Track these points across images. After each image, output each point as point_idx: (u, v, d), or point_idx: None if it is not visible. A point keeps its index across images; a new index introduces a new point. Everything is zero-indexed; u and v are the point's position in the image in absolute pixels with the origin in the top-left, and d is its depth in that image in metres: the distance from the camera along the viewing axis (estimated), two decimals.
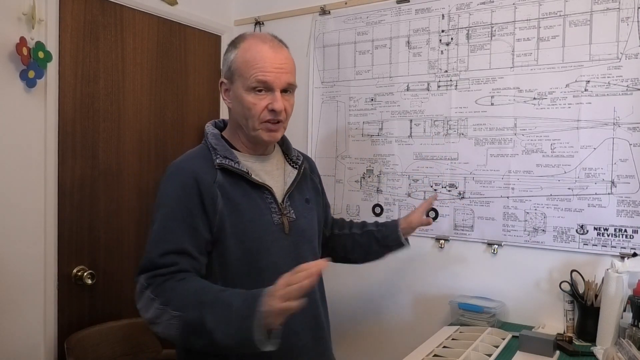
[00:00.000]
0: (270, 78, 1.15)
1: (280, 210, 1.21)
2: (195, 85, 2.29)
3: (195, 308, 1.00)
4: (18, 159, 1.64)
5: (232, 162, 1.17)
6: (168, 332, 1.03)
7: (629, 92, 1.59)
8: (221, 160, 1.16)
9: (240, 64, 1.17)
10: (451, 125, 1.90)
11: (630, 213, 1.60)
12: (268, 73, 1.14)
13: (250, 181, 1.18)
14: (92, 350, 1.73)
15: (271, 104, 1.15)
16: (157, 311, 1.04)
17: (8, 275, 1.62)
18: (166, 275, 1.06)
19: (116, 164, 1.96)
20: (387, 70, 2.04)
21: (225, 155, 1.17)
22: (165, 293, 1.04)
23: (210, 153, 1.19)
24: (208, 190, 1.12)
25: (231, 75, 1.19)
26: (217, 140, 1.21)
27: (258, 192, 1.19)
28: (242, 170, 1.17)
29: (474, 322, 1.71)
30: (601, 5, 1.63)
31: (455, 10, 1.89)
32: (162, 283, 1.06)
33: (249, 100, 1.15)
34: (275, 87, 1.16)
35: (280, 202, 1.22)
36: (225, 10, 2.43)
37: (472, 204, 1.86)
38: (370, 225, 1.55)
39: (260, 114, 1.16)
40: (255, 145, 1.24)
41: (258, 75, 1.14)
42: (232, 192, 1.15)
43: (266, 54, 1.16)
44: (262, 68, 1.14)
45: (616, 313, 1.45)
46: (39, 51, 1.61)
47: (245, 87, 1.16)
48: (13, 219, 1.63)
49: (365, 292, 2.07)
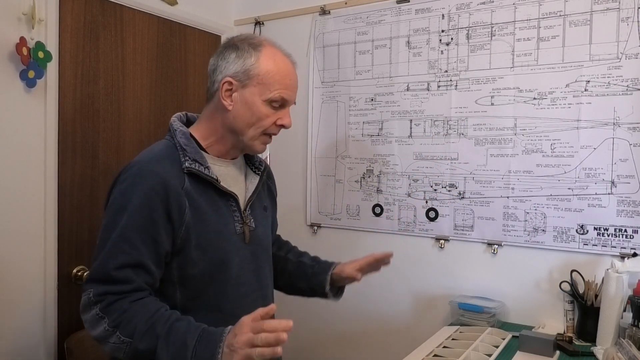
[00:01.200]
0: (290, 97, 1.14)
1: (243, 219, 1.17)
2: (195, 85, 2.29)
3: (148, 338, 0.96)
4: (18, 159, 1.64)
5: (202, 167, 1.10)
6: (116, 354, 0.99)
7: (629, 92, 1.59)
8: (190, 164, 1.09)
9: (264, 72, 1.11)
10: (451, 125, 1.90)
11: (630, 213, 1.60)
12: (291, 93, 1.14)
13: (217, 188, 1.13)
14: (92, 350, 1.73)
15: (281, 120, 1.14)
16: (105, 332, 0.98)
17: (8, 275, 1.62)
18: (119, 294, 1.00)
19: (116, 164, 1.95)
20: (387, 70, 2.04)
21: (195, 159, 1.10)
22: (114, 314, 0.98)
23: (178, 153, 1.11)
24: (176, 199, 1.05)
25: (246, 79, 1.11)
26: (187, 140, 1.13)
27: (224, 200, 1.14)
28: (212, 178, 1.10)
29: (474, 322, 1.71)
30: (601, 5, 1.63)
31: (455, 10, 1.89)
32: (112, 302, 0.99)
33: (263, 111, 1.12)
34: (289, 105, 1.16)
35: (243, 210, 1.18)
36: (225, 10, 2.43)
37: (472, 204, 1.86)
38: (306, 257, 1.42)
39: (269, 127, 1.14)
40: (235, 151, 1.19)
41: (283, 93, 1.12)
42: (199, 200, 1.09)
43: (291, 72, 1.15)
44: (288, 87, 1.13)
45: (616, 313, 1.45)
46: (39, 51, 1.61)
47: (262, 97, 1.11)
48: (13, 219, 1.63)
49: (365, 292, 2.08)
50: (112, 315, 0.98)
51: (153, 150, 1.14)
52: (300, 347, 2.24)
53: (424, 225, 1.96)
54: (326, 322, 2.20)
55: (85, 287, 1.02)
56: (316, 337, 2.23)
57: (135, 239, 1.02)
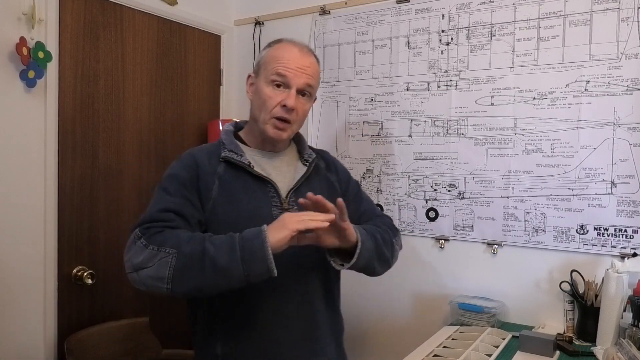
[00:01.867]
0: (289, 74, 1.18)
1: (282, 204, 1.21)
2: (195, 85, 2.29)
3: (195, 243, 1.02)
4: (18, 159, 1.64)
5: (234, 155, 1.20)
6: (159, 272, 1.01)
7: (629, 92, 1.59)
8: (226, 154, 1.20)
9: (267, 58, 1.22)
10: (451, 125, 1.90)
11: (630, 213, 1.60)
12: (289, 69, 1.18)
13: (253, 175, 1.20)
14: (92, 350, 1.73)
15: (284, 100, 1.18)
16: (149, 254, 1.03)
17: (8, 275, 1.62)
18: (162, 227, 1.07)
19: (116, 164, 1.96)
20: (387, 70, 2.04)
21: (230, 149, 1.21)
22: (159, 238, 1.05)
23: (220, 148, 1.23)
24: (205, 177, 1.17)
25: (258, 69, 1.24)
26: (226, 136, 1.25)
27: (260, 185, 1.20)
28: (244, 163, 1.19)
29: (474, 322, 1.71)
30: (601, 5, 1.63)
31: (455, 10, 1.89)
32: (156, 232, 1.06)
33: (266, 92, 1.19)
34: (292, 84, 1.19)
35: (284, 197, 1.22)
36: (225, 10, 2.43)
37: (472, 204, 1.86)
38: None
39: (273, 108, 1.19)
40: (264, 141, 1.25)
41: (279, 68, 1.18)
42: (231, 184, 1.18)
43: (292, 53, 1.20)
44: (285, 63, 1.18)
45: (616, 313, 1.45)
46: (39, 51, 1.62)
47: (265, 80, 1.19)
48: (13, 219, 1.63)
49: (365, 292, 2.08)
50: (157, 239, 1.05)
51: (202, 145, 1.30)
52: None
53: (424, 225, 1.96)
54: None
55: (131, 230, 1.11)
56: None
57: (175, 194, 1.14)
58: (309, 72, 1.21)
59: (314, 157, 1.32)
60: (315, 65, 1.25)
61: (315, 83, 1.25)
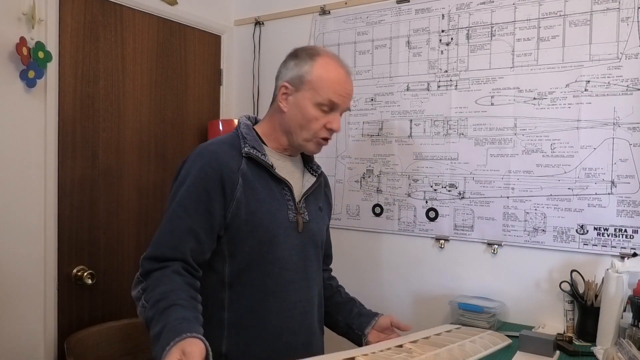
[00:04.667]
0: (340, 102, 1.22)
1: (297, 209, 1.25)
2: (195, 85, 2.29)
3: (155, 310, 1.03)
4: (18, 159, 1.64)
5: (259, 153, 1.20)
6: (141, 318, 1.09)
7: (629, 92, 1.59)
8: (249, 150, 1.19)
9: (317, 78, 1.20)
10: (451, 125, 1.90)
11: (630, 213, 1.60)
12: (342, 97, 1.22)
13: (272, 175, 1.22)
14: (92, 350, 1.73)
15: (330, 124, 1.22)
16: (137, 293, 1.10)
17: (8, 275, 1.62)
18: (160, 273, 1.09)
19: (116, 164, 1.95)
20: (387, 70, 2.04)
21: (253, 146, 1.21)
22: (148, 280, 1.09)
23: (240, 141, 1.22)
24: (230, 175, 1.16)
25: (300, 84, 1.21)
26: (248, 131, 1.24)
27: (278, 187, 1.23)
28: (267, 163, 1.20)
29: (474, 322, 1.71)
30: (601, 5, 1.63)
31: (455, 10, 1.89)
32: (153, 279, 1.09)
33: (313, 114, 1.20)
34: (340, 110, 1.23)
35: (298, 202, 1.26)
36: (225, 10, 2.43)
37: (472, 204, 1.86)
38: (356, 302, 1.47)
39: (319, 130, 1.22)
40: (292, 148, 1.28)
41: (332, 97, 1.20)
42: (254, 182, 1.18)
43: (342, 78, 1.23)
44: (338, 91, 1.21)
45: (616, 313, 1.45)
46: (39, 51, 1.61)
47: (313, 101, 1.20)
48: (13, 219, 1.63)
49: (365, 292, 2.07)
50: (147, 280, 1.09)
51: (218, 138, 1.28)
52: None
53: (424, 225, 1.96)
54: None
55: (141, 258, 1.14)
56: None
57: (190, 207, 1.13)
58: (351, 96, 1.27)
59: (321, 170, 1.38)
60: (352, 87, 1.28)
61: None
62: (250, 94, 2.41)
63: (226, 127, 2.22)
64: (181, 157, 2.21)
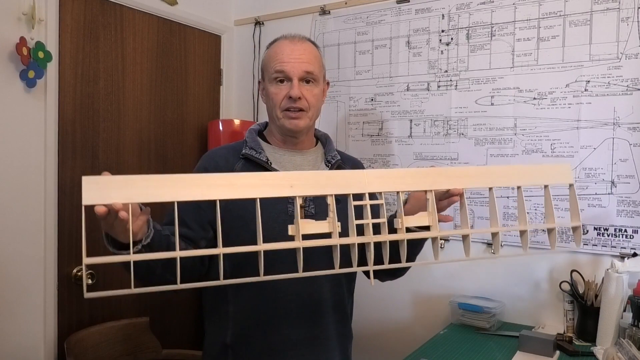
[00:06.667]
0: (286, 67, 1.21)
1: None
2: (195, 85, 2.29)
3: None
4: (18, 159, 1.64)
5: (254, 152, 1.23)
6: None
7: (629, 92, 1.59)
8: (246, 151, 1.24)
9: (266, 59, 1.26)
10: (451, 125, 1.90)
11: (630, 213, 1.60)
12: (285, 63, 1.21)
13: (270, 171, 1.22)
14: (92, 350, 1.73)
15: (289, 93, 1.22)
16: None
17: (8, 275, 1.62)
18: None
19: (116, 164, 1.95)
20: (387, 70, 2.04)
21: (251, 147, 1.24)
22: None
23: (243, 145, 1.27)
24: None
25: (262, 73, 1.29)
26: (249, 134, 1.29)
27: None
28: (262, 160, 1.22)
29: (474, 322, 1.71)
30: (601, 5, 1.63)
31: (455, 10, 1.89)
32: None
33: (271, 90, 1.23)
34: (292, 75, 1.22)
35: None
36: (225, 10, 2.43)
37: (472, 204, 1.86)
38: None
39: (281, 102, 1.22)
40: (285, 137, 1.28)
41: (276, 66, 1.21)
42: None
43: (284, 47, 1.24)
44: (280, 59, 1.22)
45: (616, 313, 1.45)
46: (39, 51, 1.61)
47: (269, 80, 1.24)
48: (13, 219, 1.63)
49: (365, 292, 2.07)
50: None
51: (227, 144, 1.34)
52: None
53: None
54: None
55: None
56: None
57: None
58: (304, 59, 1.23)
59: (338, 159, 1.33)
60: (310, 50, 1.26)
61: (314, 67, 1.25)
62: (250, 94, 2.41)
63: (226, 127, 2.22)
64: (181, 157, 2.23)
